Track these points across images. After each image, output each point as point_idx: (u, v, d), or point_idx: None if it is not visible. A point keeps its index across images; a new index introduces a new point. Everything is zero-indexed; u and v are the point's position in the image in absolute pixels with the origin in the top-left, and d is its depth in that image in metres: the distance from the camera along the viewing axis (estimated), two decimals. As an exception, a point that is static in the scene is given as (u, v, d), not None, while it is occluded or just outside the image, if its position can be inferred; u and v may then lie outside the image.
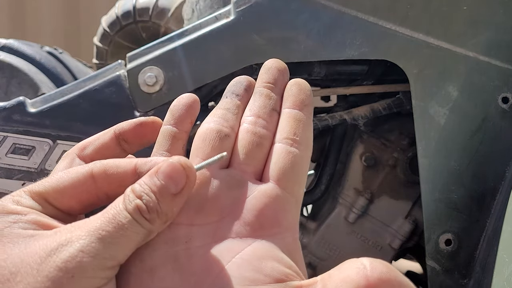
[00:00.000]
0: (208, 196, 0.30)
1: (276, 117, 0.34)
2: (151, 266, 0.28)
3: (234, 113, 0.34)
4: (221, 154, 0.30)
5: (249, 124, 0.33)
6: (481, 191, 0.65)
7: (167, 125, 0.34)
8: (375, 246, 0.84)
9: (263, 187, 0.30)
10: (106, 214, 0.27)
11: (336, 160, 0.84)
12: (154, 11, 1.14)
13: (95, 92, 0.65)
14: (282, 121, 0.33)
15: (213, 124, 0.33)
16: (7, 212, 0.28)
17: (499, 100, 0.64)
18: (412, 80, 0.65)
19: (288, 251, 0.29)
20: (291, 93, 0.35)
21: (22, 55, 0.85)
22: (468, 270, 0.65)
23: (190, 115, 0.35)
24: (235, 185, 0.30)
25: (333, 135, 0.84)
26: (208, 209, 0.30)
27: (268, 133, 0.33)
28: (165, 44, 0.66)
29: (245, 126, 0.33)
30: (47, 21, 2.93)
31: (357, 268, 0.25)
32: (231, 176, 0.31)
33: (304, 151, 0.32)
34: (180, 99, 0.35)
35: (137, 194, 0.27)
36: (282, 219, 0.30)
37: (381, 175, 0.84)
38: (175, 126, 0.34)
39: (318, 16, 0.64)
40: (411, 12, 0.64)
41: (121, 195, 0.28)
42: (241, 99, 0.35)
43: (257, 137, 0.32)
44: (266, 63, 0.36)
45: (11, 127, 0.64)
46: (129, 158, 0.35)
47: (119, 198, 0.27)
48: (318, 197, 0.84)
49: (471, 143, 0.65)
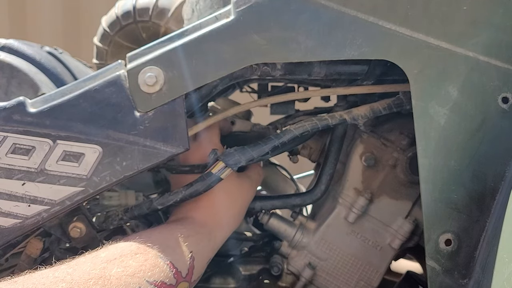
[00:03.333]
0: None
1: None
2: None
3: None
4: None
5: None
6: (481, 191, 0.65)
7: None
8: (375, 246, 0.84)
9: None
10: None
11: (336, 160, 0.84)
12: (154, 11, 1.14)
13: (95, 92, 0.65)
14: None
15: None
16: None
17: (499, 100, 0.64)
18: (412, 80, 0.65)
19: None
20: None
21: (22, 55, 0.85)
22: (468, 270, 0.65)
23: None
24: None
25: (333, 135, 0.84)
26: None
27: None
28: (165, 44, 0.66)
29: None
30: (47, 21, 2.93)
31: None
32: None
33: None
34: None
35: None
36: None
37: (381, 175, 0.84)
38: None
39: (318, 16, 0.64)
40: (411, 12, 0.64)
41: None
42: None
43: None
44: None
45: (11, 127, 0.64)
46: None
47: None
48: (318, 197, 0.84)
49: (471, 143, 0.65)
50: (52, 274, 0.52)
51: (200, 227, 0.71)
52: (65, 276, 0.51)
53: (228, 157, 0.72)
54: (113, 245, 0.60)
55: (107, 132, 0.64)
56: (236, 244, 0.93)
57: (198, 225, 0.71)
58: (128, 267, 0.55)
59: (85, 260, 0.56)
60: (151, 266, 0.57)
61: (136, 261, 0.57)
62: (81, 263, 0.55)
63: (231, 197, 0.77)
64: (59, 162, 0.64)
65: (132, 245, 0.60)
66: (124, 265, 0.55)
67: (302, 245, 0.86)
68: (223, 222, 0.75)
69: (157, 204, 0.72)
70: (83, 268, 0.54)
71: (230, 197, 0.77)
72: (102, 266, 0.54)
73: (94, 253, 0.58)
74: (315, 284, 0.86)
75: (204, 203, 0.74)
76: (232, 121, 0.87)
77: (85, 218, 0.71)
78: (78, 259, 0.56)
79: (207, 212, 0.74)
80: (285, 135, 0.74)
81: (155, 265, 0.58)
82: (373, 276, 0.84)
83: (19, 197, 0.63)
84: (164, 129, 0.65)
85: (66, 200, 0.64)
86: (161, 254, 0.59)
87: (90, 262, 0.55)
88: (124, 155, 0.65)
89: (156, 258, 0.58)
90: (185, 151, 0.66)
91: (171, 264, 0.59)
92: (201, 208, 0.74)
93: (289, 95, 0.82)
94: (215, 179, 0.71)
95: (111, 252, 0.58)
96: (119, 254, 0.57)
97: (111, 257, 0.56)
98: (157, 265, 0.58)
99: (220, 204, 0.75)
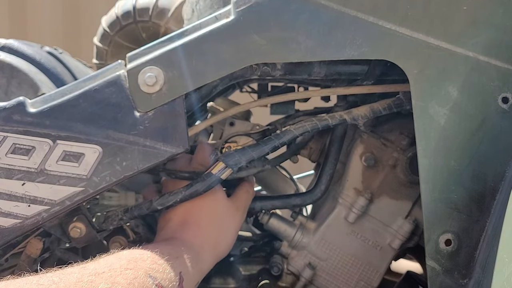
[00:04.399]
0: None
1: None
2: None
3: None
4: None
5: None
6: (481, 191, 0.65)
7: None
8: (375, 246, 0.84)
9: None
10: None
11: (336, 160, 0.84)
12: (154, 11, 1.14)
13: (95, 92, 0.65)
14: None
15: None
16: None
17: (499, 100, 0.64)
18: (412, 80, 0.65)
19: None
20: None
21: (22, 55, 0.85)
22: (468, 270, 0.65)
23: None
24: None
25: (333, 135, 0.84)
26: None
27: None
28: (165, 44, 0.66)
29: None
30: (47, 21, 2.93)
31: None
32: None
33: None
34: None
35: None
36: None
37: (381, 175, 0.84)
38: None
39: (318, 16, 0.64)
40: (411, 12, 0.64)
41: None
42: None
43: None
44: None
45: (11, 127, 0.63)
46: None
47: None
48: (318, 197, 0.84)
49: (471, 143, 0.65)
50: (36, 281, 0.50)
51: (187, 248, 0.69)
52: (50, 285, 0.50)
53: (228, 158, 0.72)
54: (104, 257, 0.59)
55: (107, 132, 0.64)
56: (236, 244, 0.93)
57: (186, 246, 0.69)
58: (116, 283, 0.53)
59: (73, 270, 0.54)
60: (140, 286, 0.55)
61: (124, 277, 0.55)
62: (68, 273, 0.53)
63: (217, 217, 0.75)
64: (59, 162, 0.64)
65: (122, 259, 0.58)
66: (112, 281, 0.53)
67: (302, 245, 0.86)
68: (211, 243, 0.73)
69: (157, 205, 0.72)
70: (69, 278, 0.52)
71: (216, 218, 0.75)
72: (89, 279, 0.52)
73: (83, 264, 0.56)
74: (315, 284, 0.86)
75: (190, 224, 0.73)
76: (231, 122, 0.86)
77: (85, 218, 0.70)
78: (66, 269, 0.54)
79: (194, 233, 0.72)
80: (285, 135, 0.74)
81: (143, 284, 0.56)
82: (373, 276, 0.84)
83: (19, 197, 0.63)
84: (164, 129, 0.65)
85: (66, 200, 0.64)
86: (151, 273, 0.58)
87: (77, 273, 0.53)
88: (124, 155, 0.65)
89: (145, 277, 0.57)
90: (185, 151, 0.66)
91: (159, 285, 0.58)
92: (188, 229, 0.72)
93: (289, 95, 0.82)
94: (215, 180, 0.71)
95: (100, 265, 0.56)
96: (108, 268, 0.55)
97: (99, 270, 0.55)
98: (146, 285, 0.56)
99: (206, 224, 0.73)
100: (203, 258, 0.71)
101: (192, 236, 0.72)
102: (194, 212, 0.73)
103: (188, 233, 0.72)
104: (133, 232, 0.80)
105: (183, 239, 0.71)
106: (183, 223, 0.73)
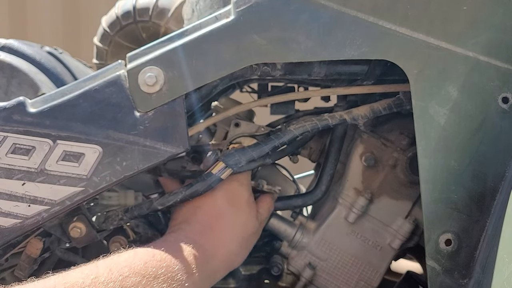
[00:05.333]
0: None
1: None
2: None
3: None
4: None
5: None
6: (481, 191, 0.65)
7: None
8: (375, 246, 0.84)
9: None
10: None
11: (336, 160, 0.84)
12: (154, 11, 1.14)
13: (95, 92, 0.65)
14: None
15: None
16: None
17: (499, 100, 0.64)
18: (412, 80, 0.65)
19: None
20: None
21: (22, 55, 0.85)
22: (468, 270, 0.65)
23: None
24: None
25: (333, 135, 0.84)
26: None
27: None
28: (165, 44, 0.66)
29: None
30: (47, 21, 2.93)
31: None
32: None
33: None
34: None
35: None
36: None
37: (381, 175, 0.84)
38: None
39: (318, 16, 0.64)
40: (411, 12, 0.64)
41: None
42: None
43: None
44: None
45: (11, 127, 0.64)
46: None
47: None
48: (319, 197, 0.84)
49: (471, 143, 0.65)
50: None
51: (199, 251, 0.68)
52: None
53: (228, 158, 0.72)
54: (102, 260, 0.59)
55: (107, 132, 0.64)
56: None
57: (198, 248, 0.68)
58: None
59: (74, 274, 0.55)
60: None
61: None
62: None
63: (234, 225, 0.74)
64: (59, 162, 0.64)
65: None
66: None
67: (302, 245, 0.86)
68: (225, 249, 0.72)
69: (157, 204, 0.72)
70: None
71: (233, 225, 0.74)
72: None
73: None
74: (315, 284, 0.86)
75: (206, 227, 0.72)
76: (237, 123, 0.85)
77: (85, 218, 0.71)
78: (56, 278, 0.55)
79: (208, 236, 0.72)
80: (285, 135, 0.74)
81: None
82: (373, 276, 0.84)
83: (19, 197, 0.63)
84: (164, 129, 0.65)
85: (66, 200, 0.64)
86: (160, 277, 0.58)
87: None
88: (124, 155, 0.65)
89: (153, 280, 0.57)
90: (185, 151, 0.66)
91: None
92: (203, 232, 0.72)
93: (289, 95, 0.82)
94: (215, 180, 0.71)
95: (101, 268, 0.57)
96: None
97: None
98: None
99: (221, 229, 0.73)
100: (212, 264, 0.70)
101: (205, 239, 0.71)
102: (219, 222, 0.73)
103: (202, 236, 0.71)
104: (133, 232, 0.80)
105: (196, 240, 0.69)
106: (197, 226, 0.72)
